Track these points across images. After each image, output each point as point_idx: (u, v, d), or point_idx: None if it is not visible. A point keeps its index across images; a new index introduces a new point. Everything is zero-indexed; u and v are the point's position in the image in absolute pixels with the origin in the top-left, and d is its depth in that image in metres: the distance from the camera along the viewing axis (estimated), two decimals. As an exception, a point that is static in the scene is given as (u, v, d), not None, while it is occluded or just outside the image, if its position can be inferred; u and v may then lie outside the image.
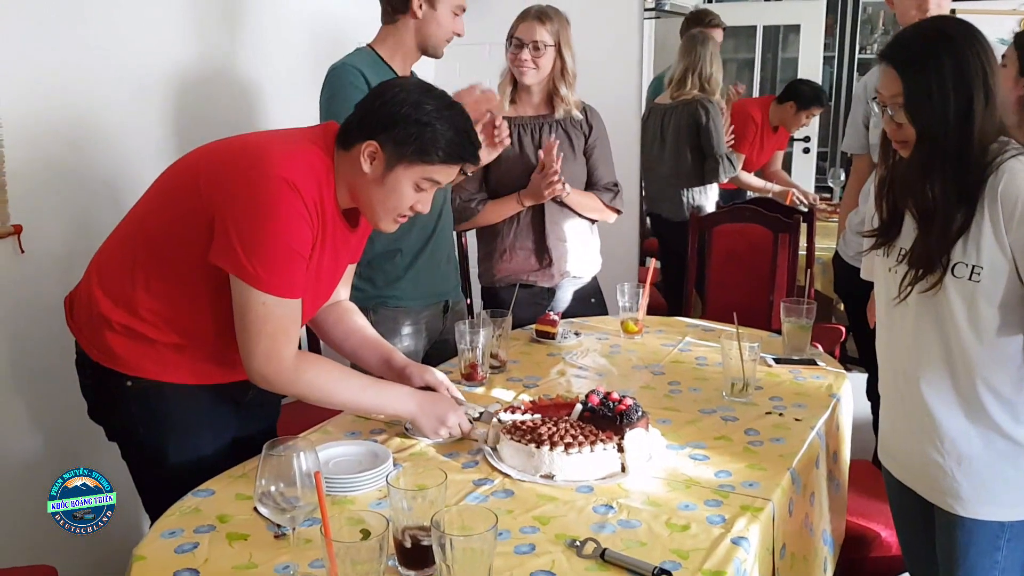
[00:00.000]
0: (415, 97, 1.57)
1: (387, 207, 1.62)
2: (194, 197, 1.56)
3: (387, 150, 1.56)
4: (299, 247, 1.53)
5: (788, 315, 2.20)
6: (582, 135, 2.60)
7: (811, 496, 1.70)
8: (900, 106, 1.43)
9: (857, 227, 2.71)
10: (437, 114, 1.56)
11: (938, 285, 1.44)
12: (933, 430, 1.50)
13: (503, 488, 1.50)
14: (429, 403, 1.70)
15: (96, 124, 2.37)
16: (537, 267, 2.60)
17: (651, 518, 1.40)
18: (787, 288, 3.01)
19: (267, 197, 1.50)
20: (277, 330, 1.53)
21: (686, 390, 2.00)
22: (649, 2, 3.92)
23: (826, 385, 2.02)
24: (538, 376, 2.09)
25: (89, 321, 1.66)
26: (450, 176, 1.64)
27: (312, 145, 1.60)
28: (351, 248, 1.77)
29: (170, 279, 1.60)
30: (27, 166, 2.20)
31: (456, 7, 2.22)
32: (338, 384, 1.65)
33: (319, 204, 1.56)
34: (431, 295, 2.39)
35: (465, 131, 1.60)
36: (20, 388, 2.21)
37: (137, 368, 1.63)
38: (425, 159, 1.57)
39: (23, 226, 2.18)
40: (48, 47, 2.24)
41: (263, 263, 1.50)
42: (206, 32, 2.68)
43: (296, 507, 1.23)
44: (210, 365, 1.66)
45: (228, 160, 1.59)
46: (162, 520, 1.40)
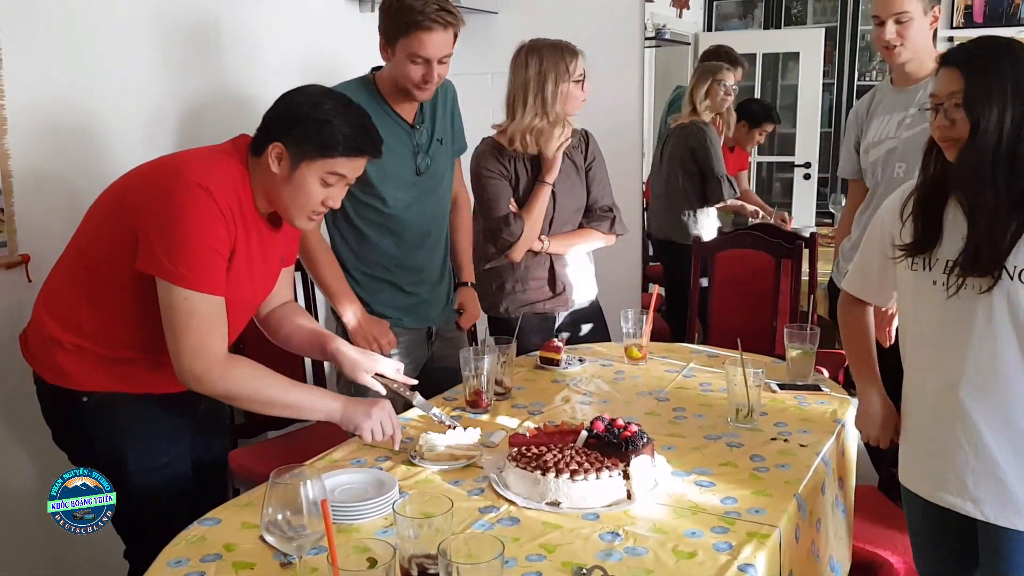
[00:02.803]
0: (313, 99, 1.68)
1: (298, 204, 1.70)
2: (120, 215, 1.67)
3: (291, 150, 1.66)
4: (216, 245, 1.62)
5: (792, 341, 2.21)
6: (582, 158, 2.64)
7: (817, 522, 1.69)
8: (957, 105, 1.46)
9: (849, 253, 2.72)
10: (334, 112, 1.66)
11: (991, 289, 1.45)
12: (986, 443, 1.49)
13: (509, 516, 1.50)
14: (354, 404, 1.75)
15: (105, 156, 2.40)
16: (551, 295, 2.62)
17: (657, 545, 1.39)
18: (790, 314, 3.01)
19: (182, 200, 1.59)
20: (203, 326, 1.61)
21: (691, 416, 2.00)
22: (650, 31, 3.97)
23: (831, 411, 2.02)
24: (543, 403, 2.10)
25: (42, 347, 1.75)
26: (356, 170, 1.72)
27: (227, 156, 1.71)
28: (280, 249, 1.85)
29: (113, 296, 1.69)
30: (35, 196, 2.23)
31: (411, 55, 2.13)
32: (266, 384, 1.70)
33: (237, 207, 1.66)
34: (411, 319, 2.38)
35: (362, 126, 1.70)
36: (32, 413, 2.22)
37: (90, 383, 1.72)
38: (326, 154, 1.66)
39: (31, 256, 2.20)
40: (58, 78, 2.28)
41: (183, 261, 1.58)
42: (222, 62, 2.72)
43: (303, 535, 1.24)
44: (161, 375, 1.73)
45: (148, 175, 1.71)
46: (168, 549, 1.40)
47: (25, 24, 2.18)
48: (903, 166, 2.56)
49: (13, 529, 2.22)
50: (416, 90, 2.19)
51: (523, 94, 2.48)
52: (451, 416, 1.96)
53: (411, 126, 2.29)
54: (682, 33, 4.97)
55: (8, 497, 2.23)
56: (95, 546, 1.45)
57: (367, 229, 2.30)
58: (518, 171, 2.55)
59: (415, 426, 1.93)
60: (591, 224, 2.65)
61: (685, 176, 3.57)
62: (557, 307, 2.65)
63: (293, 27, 3.03)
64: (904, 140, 2.55)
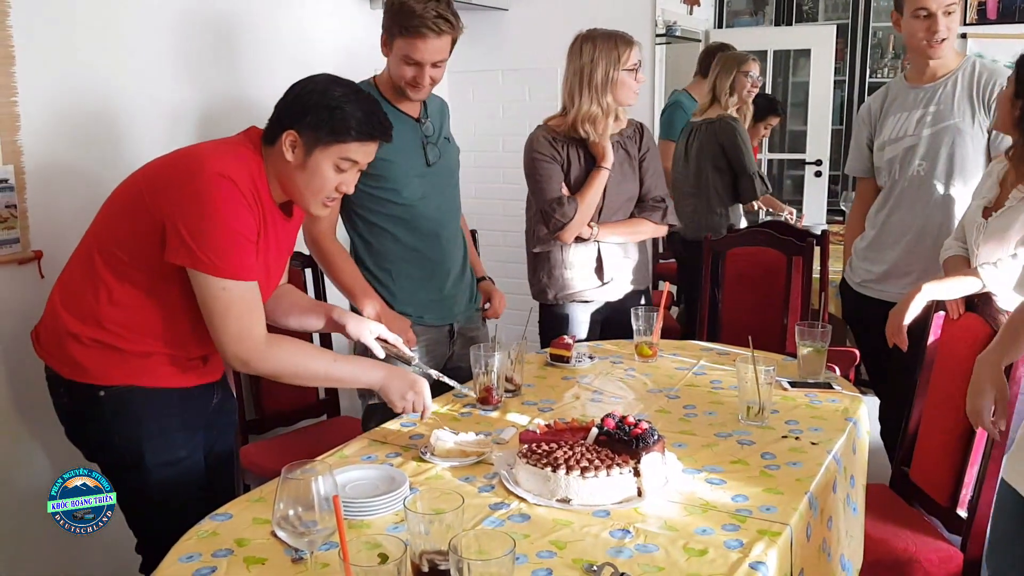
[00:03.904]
0: (323, 86, 1.71)
1: (313, 189, 1.73)
2: (143, 208, 1.67)
3: (305, 137, 1.69)
4: (244, 231, 1.65)
5: (803, 338, 2.20)
6: (636, 148, 2.66)
7: (828, 520, 1.69)
8: None
9: (863, 252, 2.71)
10: (345, 98, 1.69)
11: None
12: None
13: (519, 512, 1.50)
14: (396, 375, 1.81)
15: (118, 152, 2.41)
16: (599, 284, 2.64)
17: (668, 543, 1.39)
18: (801, 311, 3.00)
19: (207, 190, 1.62)
20: (243, 311, 1.66)
21: (701, 414, 1.99)
22: (660, 28, 3.96)
23: (842, 408, 2.01)
24: (553, 400, 2.10)
25: (58, 342, 1.75)
26: (368, 155, 1.75)
27: (240, 147, 1.73)
28: (292, 238, 1.91)
29: (134, 290, 1.70)
30: (48, 193, 2.24)
31: (404, 57, 2.18)
32: (310, 358, 1.77)
33: (256, 196, 1.69)
34: (433, 315, 2.40)
35: (373, 111, 1.72)
36: (45, 409, 2.23)
37: (108, 377, 1.73)
38: (339, 139, 1.69)
39: (43, 252, 2.22)
40: (71, 76, 2.29)
41: (215, 251, 1.62)
42: (234, 61, 2.73)
43: (314, 531, 1.24)
44: (178, 368, 1.77)
45: (165, 170, 1.71)
46: (180, 544, 1.40)
47: (38, 22, 2.20)
48: (924, 164, 2.55)
49: (29, 525, 2.23)
50: (408, 88, 2.24)
51: (578, 82, 2.51)
52: (461, 412, 1.97)
53: (416, 120, 2.33)
54: (693, 30, 4.96)
55: (23, 492, 2.24)
56: (105, 542, 1.45)
57: (385, 223, 2.32)
58: (570, 156, 2.57)
59: (426, 423, 1.93)
60: (643, 214, 2.67)
61: (716, 173, 3.53)
62: (603, 296, 2.67)
63: (307, 24, 3.04)
64: (924, 138, 2.54)
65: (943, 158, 2.52)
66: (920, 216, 2.58)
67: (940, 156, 2.53)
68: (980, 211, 2.20)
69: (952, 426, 2.03)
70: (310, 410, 2.84)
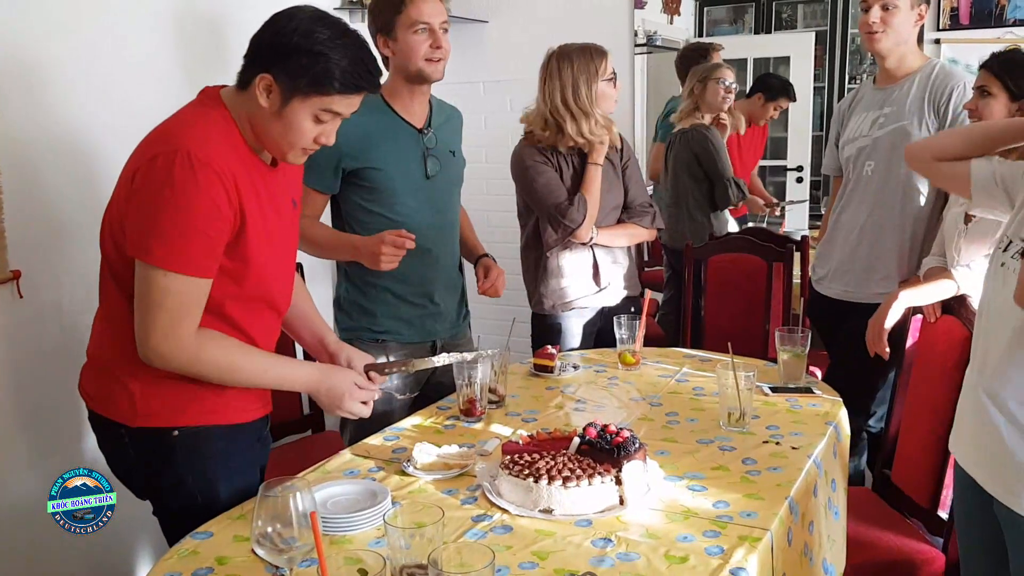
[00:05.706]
0: (306, 26, 1.50)
1: (288, 140, 1.56)
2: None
3: (281, 82, 1.50)
4: (200, 224, 1.47)
5: (783, 344, 2.21)
6: (618, 157, 2.70)
7: (810, 525, 1.70)
8: None
9: (819, 249, 2.77)
10: (331, 42, 1.49)
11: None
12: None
13: (502, 524, 1.50)
14: (329, 377, 1.70)
15: (96, 170, 2.40)
16: (596, 289, 2.67)
17: (650, 551, 1.40)
18: (782, 316, 3.02)
19: (167, 176, 1.45)
20: (177, 307, 1.48)
21: (684, 421, 2.00)
22: (641, 37, 3.99)
23: (822, 413, 2.03)
24: (536, 410, 2.10)
25: (122, 392, 1.60)
26: (351, 106, 1.57)
27: (202, 108, 1.57)
28: (288, 190, 1.72)
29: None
30: (26, 212, 2.23)
31: (413, 26, 2.12)
32: (241, 360, 1.60)
33: (235, 159, 1.52)
34: (414, 332, 2.33)
35: (361, 59, 1.53)
36: (24, 428, 2.22)
37: (179, 418, 1.60)
38: (320, 90, 1.51)
39: (22, 271, 2.21)
40: (50, 94, 2.28)
41: (160, 239, 1.46)
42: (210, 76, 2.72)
43: (294, 547, 1.24)
44: (245, 400, 1.67)
45: (136, 155, 1.55)
46: (161, 563, 1.40)
47: (14, 40, 2.19)
48: (872, 164, 2.58)
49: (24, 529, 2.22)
50: (428, 65, 2.17)
51: (562, 103, 2.54)
52: (444, 424, 1.97)
53: (419, 131, 2.27)
54: (673, 39, 4.99)
55: (8, 507, 2.23)
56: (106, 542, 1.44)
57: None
58: (560, 164, 2.61)
59: (408, 436, 1.93)
60: (633, 220, 2.71)
61: (692, 182, 3.57)
62: (599, 303, 2.69)
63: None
64: (875, 139, 2.57)
65: (891, 160, 2.53)
66: (862, 215, 2.61)
67: (887, 158, 2.54)
68: (962, 217, 2.22)
69: (931, 428, 2.04)
70: (294, 425, 2.83)
